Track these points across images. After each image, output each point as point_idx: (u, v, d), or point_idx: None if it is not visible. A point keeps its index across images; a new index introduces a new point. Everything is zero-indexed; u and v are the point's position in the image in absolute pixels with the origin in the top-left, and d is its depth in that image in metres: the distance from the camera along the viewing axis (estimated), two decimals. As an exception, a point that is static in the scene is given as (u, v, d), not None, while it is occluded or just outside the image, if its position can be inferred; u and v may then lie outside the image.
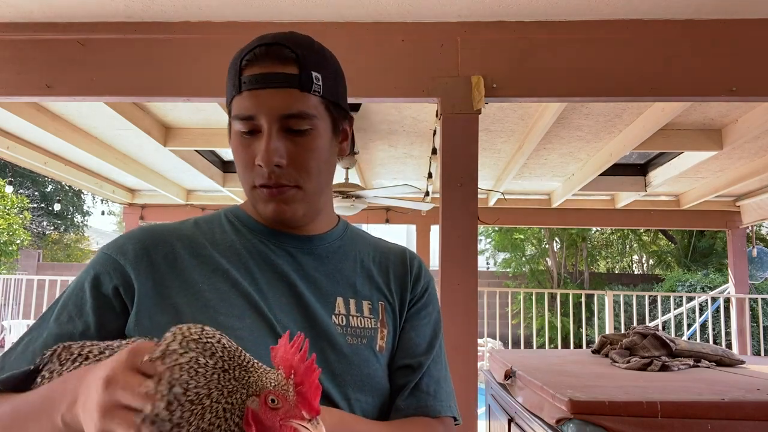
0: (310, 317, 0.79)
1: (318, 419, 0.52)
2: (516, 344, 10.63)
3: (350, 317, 0.81)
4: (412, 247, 7.06)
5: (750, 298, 6.50)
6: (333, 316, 0.80)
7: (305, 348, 0.54)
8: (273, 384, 0.53)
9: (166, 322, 0.71)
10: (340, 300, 0.82)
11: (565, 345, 9.70)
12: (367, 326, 0.82)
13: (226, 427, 0.52)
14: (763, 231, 11.00)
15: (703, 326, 8.15)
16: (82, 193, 19.19)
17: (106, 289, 0.75)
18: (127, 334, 0.74)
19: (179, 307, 0.74)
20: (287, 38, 0.76)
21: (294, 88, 0.74)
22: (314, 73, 0.76)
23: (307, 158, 0.77)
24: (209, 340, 0.54)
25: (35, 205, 17.32)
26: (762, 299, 7.33)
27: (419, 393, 0.83)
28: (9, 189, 6.95)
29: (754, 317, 7.52)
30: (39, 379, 0.67)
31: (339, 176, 4.45)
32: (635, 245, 13.40)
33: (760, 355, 6.88)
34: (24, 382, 0.68)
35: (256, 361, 0.56)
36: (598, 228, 12.37)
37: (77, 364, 0.65)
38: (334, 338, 0.79)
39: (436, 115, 2.30)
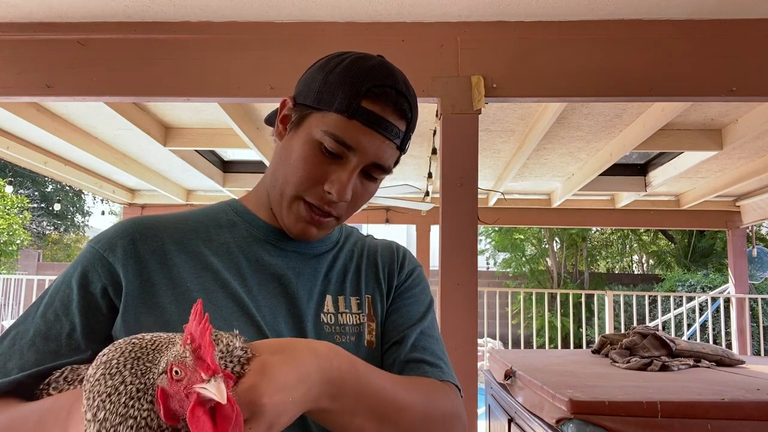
0: (299, 317, 0.78)
1: (217, 377, 0.49)
2: (516, 344, 10.63)
3: (339, 315, 0.81)
4: (412, 247, 7.06)
5: (750, 298, 6.50)
6: (322, 315, 0.80)
7: (199, 311, 0.53)
8: (174, 356, 0.52)
9: (151, 322, 0.71)
10: (329, 298, 0.82)
11: (565, 345, 9.70)
12: (354, 323, 0.82)
13: (139, 405, 0.53)
14: (763, 231, 11.00)
15: (703, 326, 8.15)
16: (82, 193, 19.20)
17: (94, 288, 0.73)
18: (113, 335, 0.73)
19: (165, 307, 0.72)
20: (409, 91, 0.77)
21: (395, 144, 0.77)
22: (411, 137, 0.80)
23: (362, 200, 0.81)
24: (119, 346, 0.58)
25: (35, 205, 17.32)
26: (762, 299, 7.33)
27: (414, 364, 0.80)
28: (9, 189, 6.94)
29: (754, 317, 7.53)
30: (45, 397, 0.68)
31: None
32: (635, 245, 13.41)
33: (760, 355, 6.88)
34: (17, 389, 0.68)
35: (179, 339, 0.56)
36: (598, 228, 12.38)
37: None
38: (321, 338, 0.79)
39: (436, 115, 2.30)
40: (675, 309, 7.35)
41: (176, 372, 0.51)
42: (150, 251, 0.76)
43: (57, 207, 17.44)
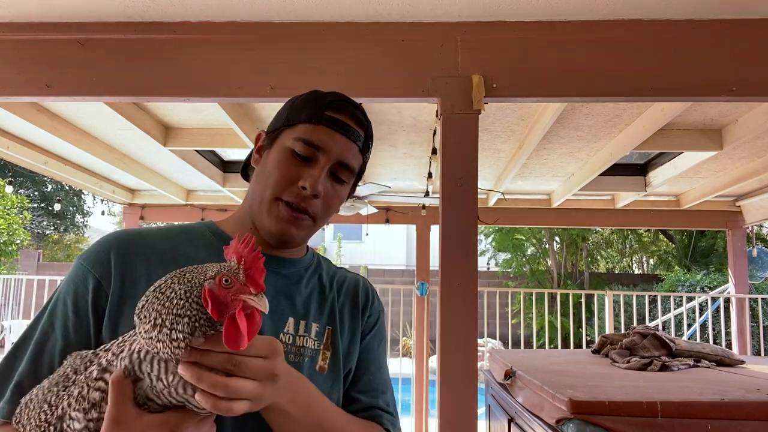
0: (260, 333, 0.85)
1: (262, 295, 0.63)
2: (516, 344, 10.63)
3: (297, 337, 0.88)
4: (412, 247, 7.04)
5: (750, 298, 6.49)
6: (281, 334, 0.86)
7: (253, 243, 0.65)
8: (226, 269, 0.64)
9: (132, 326, 0.77)
10: (291, 320, 0.88)
11: (565, 345, 9.71)
12: (310, 347, 0.88)
13: (184, 302, 0.63)
14: (764, 231, 11.00)
15: (703, 326, 8.15)
16: (82, 193, 19.20)
17: (83, 305, 0.80)
18: (102, 340, 0.79)
19: None
20: (362, 109, 0.92)
21: (358, 145, 0.90)
22: (370, 143, 0.94)
23: (333, 202, 0.91)
24: (168, 276, 0.68)
25: (35, 205, 17.32)
26: (762, 299, 7.32)
27: (373, 411, 0.93)
28: (9, 189, 6.92)
29: (754, 317, 7.53)
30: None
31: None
32: (635, 245, 13.40)
33: (760, 355, 6.88)
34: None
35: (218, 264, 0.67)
36: (598, 228, 12.38)
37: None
38: None
39: (436, 115, 2.30)
40: (675, 309, 7.34)
41: (226, 281, 0.63)
42: (132, 267, 0.82)
43: (57, 207, 17.45)
